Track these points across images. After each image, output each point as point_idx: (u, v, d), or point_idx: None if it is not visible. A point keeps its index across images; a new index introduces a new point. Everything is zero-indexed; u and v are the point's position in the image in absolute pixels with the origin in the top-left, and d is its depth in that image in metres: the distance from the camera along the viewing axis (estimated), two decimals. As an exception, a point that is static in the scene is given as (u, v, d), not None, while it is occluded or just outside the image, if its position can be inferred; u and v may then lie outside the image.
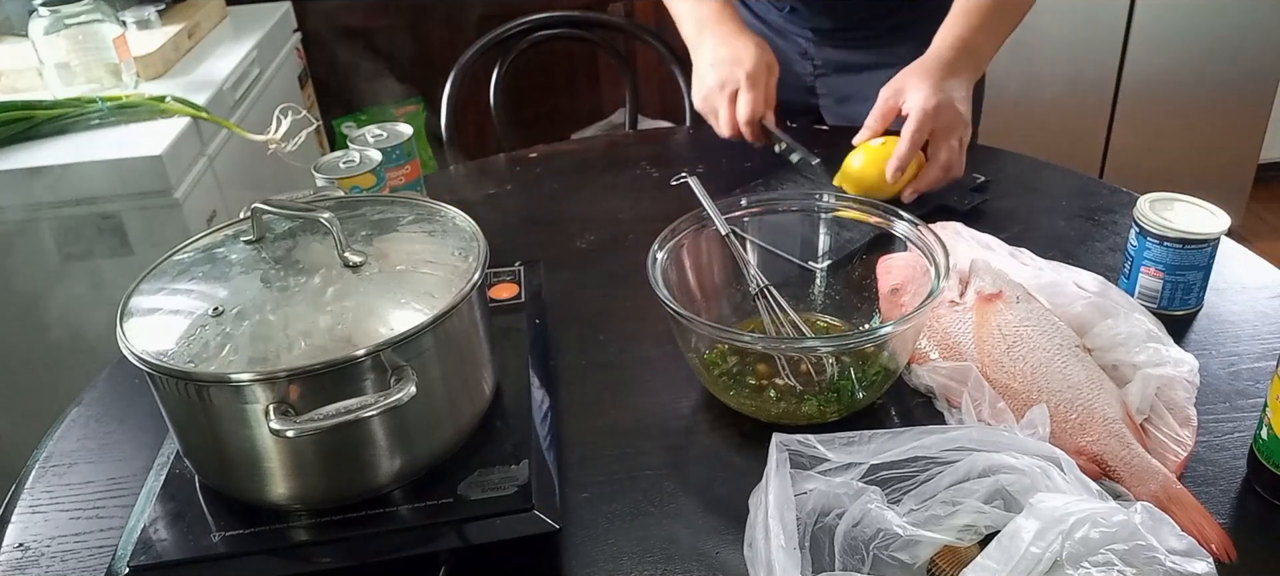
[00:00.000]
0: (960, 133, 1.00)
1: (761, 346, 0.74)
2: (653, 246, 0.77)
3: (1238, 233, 2.38)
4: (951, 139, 0.99)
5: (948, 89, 1.00)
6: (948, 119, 0.99)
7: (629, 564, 0.63)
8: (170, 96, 1.46)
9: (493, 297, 0.83)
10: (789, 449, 0.61)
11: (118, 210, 1.34)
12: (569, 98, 2.61)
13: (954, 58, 1.03)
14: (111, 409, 0.82)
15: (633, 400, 0.79)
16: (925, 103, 0.98)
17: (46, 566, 0.66)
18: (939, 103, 0.98)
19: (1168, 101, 2.39)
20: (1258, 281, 0.89)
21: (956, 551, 0.57)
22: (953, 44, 1.04)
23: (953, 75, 1.02)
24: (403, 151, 1.00)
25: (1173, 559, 0.52)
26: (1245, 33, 2.31)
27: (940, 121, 0.99)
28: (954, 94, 1.01)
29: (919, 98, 0.99)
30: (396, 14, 2.44)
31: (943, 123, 0.99)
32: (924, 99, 0.98)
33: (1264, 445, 0.64)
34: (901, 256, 0.80)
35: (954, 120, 1.00)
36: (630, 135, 1.62)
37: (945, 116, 0.99)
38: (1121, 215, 1.01)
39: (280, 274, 0.63)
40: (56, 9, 1.49)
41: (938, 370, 0.74)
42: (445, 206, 0.72)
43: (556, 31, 1.62)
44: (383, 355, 0.57)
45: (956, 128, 1.00)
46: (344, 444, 0.59)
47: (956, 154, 1.00)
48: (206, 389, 0.57)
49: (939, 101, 0.98)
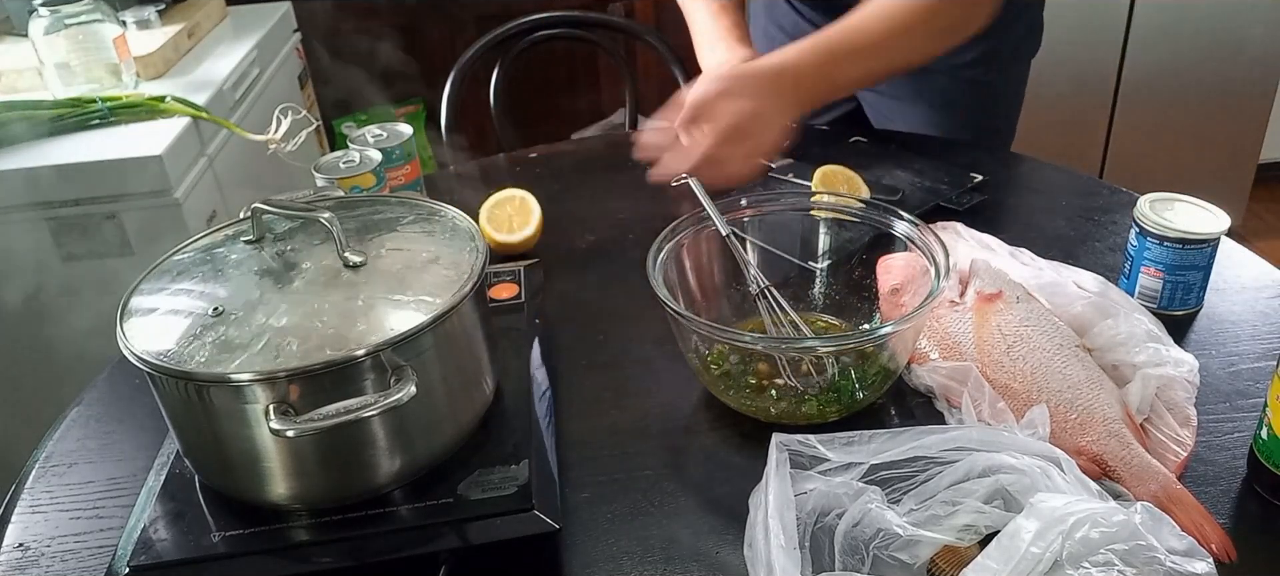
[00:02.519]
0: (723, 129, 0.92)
1: (762, 346, 0.74)
2: (653, 246, 0.77)
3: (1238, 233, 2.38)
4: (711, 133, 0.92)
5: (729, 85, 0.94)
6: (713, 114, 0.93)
7: (629, 564, 0.63)
8: (170, 96, 1.46)
9: (493, 297, 0.83)
10: (789, 449, 0.61)
11: (118, 210, 1.34)
12: (569, 98, 2.61)
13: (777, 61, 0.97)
14: (111, 409, 0.82)
15: (633, 400, 0.79)
16: (693, 97, 0.94)
17: (46, 566, 0.66)
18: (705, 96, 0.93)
19: (1168, 101, 2.39)
20: (1258, 281, 0.89)
21: (956, 551, 0.57)
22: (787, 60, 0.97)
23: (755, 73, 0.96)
24: (403, 151, 1.00)
25: (1173, 559, 0.52)
26: (1245, 33, 2.31)
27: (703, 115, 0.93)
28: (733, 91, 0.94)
29: (693, 94, 0.95)
30: (396, 14, 2.44)
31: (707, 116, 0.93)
32: (694, 95, 0.94)
33: (1264, 445, 0.64)
34: (901, 256, 0.80)
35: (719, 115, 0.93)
36: (630, 135, 1.62)
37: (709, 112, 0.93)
38: (1121, 215, 1.01)
39: (280, 274, 0.63)
40: (56, 9, 1.49)
41: (938, 370, 0.74)
42: (445, 206, 0.72)
43: (556, 31, 1.62)
44: (383, 355, 0.57)
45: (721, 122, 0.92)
46: (344, 444, 0.59)
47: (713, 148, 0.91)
48: (206, 389, 0.57)
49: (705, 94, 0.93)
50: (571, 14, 1.62)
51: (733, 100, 0.93)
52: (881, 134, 1.26)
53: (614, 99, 2.62)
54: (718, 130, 0.93)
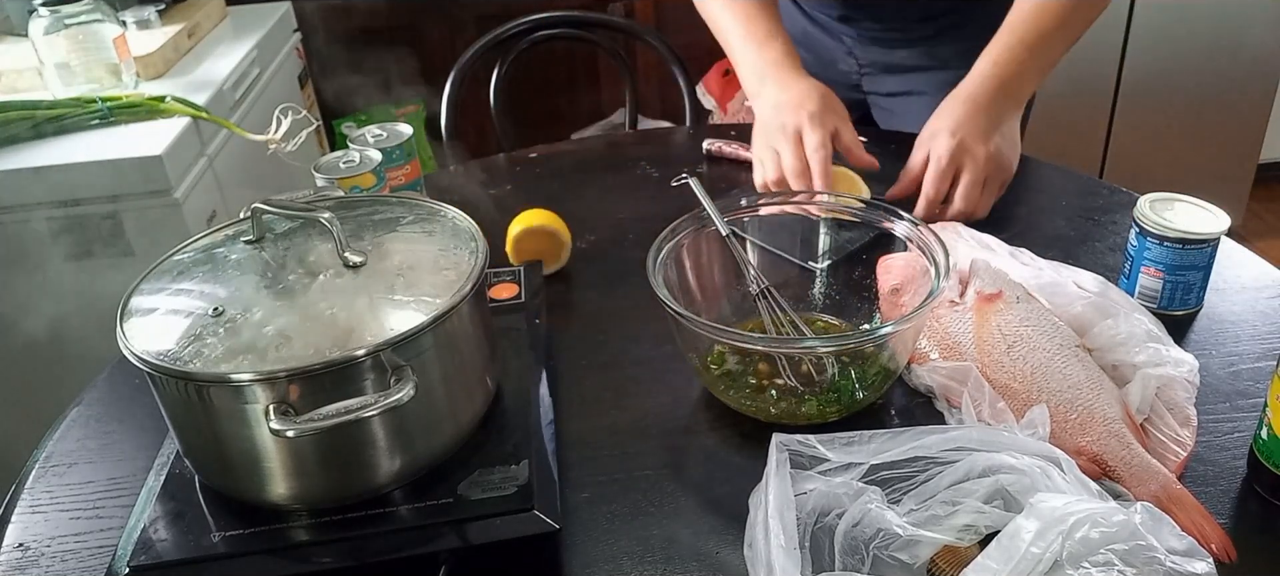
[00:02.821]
0: (978, 173, 0.97)
1: (762, 346, 0.74)
2: (653, 246, 0.77)
3: (1238, 233, 2.38)
4: (972, 181, 0.97)
5: (973, 131, 0.98)
6: (969, 164, 0.97)
7: (629, 564, 0.63)
8: (170, 96, 1.46)
9: (493, 297, 0.83)
10: (789, 449, 0.61)
11: (118, 210, 1.34)
12: (569, 98, 2.61)
13: (988, 98, 1.00)
14: (111, 409, 0.82)
15: (633, 400, 0.79)
16: (941, 156, 0.97)
17: (46, 566, 0.66)
18: (955, 148, 0.97)
19: (1168, 101, 2.39)
20: (1258, 281, 0.89)
21: (956, 551, 0.57)
22: (989, 78, 1.01)
23: (982, 114, 0.99)
24: (403, 151, 1.00)
25: (1173, 559, 0.52)
26: (1245, 33, 2.31)
27: (961, 166, 0.97)
28: (980, 135, 0.98)
29: (939, 146, 0.97)
30: (396, 14, 2.44)
31: (963, 167, 0.97)
32: (942, 149, 0.97)
33: (1264, 445, 0.64)
34: (901, 256, 0.80)
35: (972, 163, 0.97)
36: (630, 135, 1.62)
37: (964, 160, 0.97)
38: (1121, 215, 1.01)
39: (280, 274, 0.63)
40: (56, 9, 1.49)
41: (938, 370, 0.74)
42: (445, 206, 0.72)
43: (556, 31, 1.62)
44: (383, 355, 0.57)
45: (977, 169, 0.97)
46: (344, 444, 0.59)
47: (975, 198, 0.98)
48: (206, 389, 0.57)
49: (955, 146, 0.97)
50: (571, 14, 1.62)
51: (969, 150, 0.97)
52: (882, 134, 1.26)
53: (614, 99, 2.62)
54: (977, 179, 0.97)
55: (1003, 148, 1.00)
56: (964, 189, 0.97)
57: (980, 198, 0.98)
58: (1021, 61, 1.02)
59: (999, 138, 0.99)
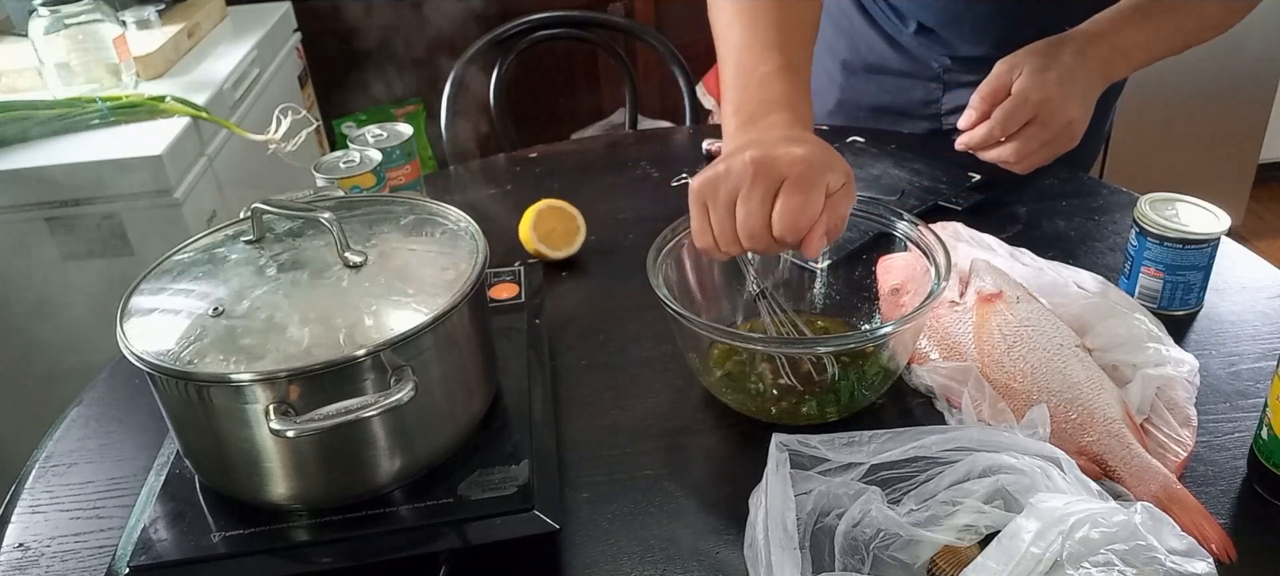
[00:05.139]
0: (1050, 136, 0.88)
1: (761, 346, 0.74)
2: (653, 246, 0.77)
3: (1238, 233, 2.38)
4: (1039, 137, 0.88)
5: (1069, 90, 0.87)
6: (1046, 117, 0.87)
7: (629, 564, 0.63)
8: (170, 96, 1.46)
9: (493, 297, 0.83)
10: (789, 449, 0.61)
11: (118, 210, 1.34)
12: (569, 98, 2.62)
13: (1094, 49, 0.89)
14: (111, 409, 0.82)
15: (633, 400, 0.79)
16: (1029, 91, 0.86)
17: (46, 566, 0.66)
18: (1046, 98, 0.86)
19: (1168, 101, 2.39)
20: (1258, 281, 0.89)
21: (956, 551, 0.57)
22: (1102, 32, 0.90)
23: (1084, 75, 0.88)
24: (403, 151, 1.00)
25: (1173, 559, 0.52)
26: (1245, 33, 2.29)
27: (1039, 115, 0.87)
28: (1076, 97, 0.88)
29: (1027, 84, 0.86)
30: (396, 14, 2.44)
31: (1040, 119, 0.88)
32: (1031, 87, 0.86)
33: (1264, 445, 0.64)
34: (901, 256, 0.80)
35: (1052, 120, 0.87)
36: (630, 135, 1.62)
37: (1045, 114, 0.87)
38: (1121, 215, 1.01)
39: (280, 274, 0.63)
40: (56, 9, 1.49)
41: (938, 370, 0.74)
42: (445, 206, 0.72)
43: (556, 31, 1.62)
44: (383, 355, 0.57)
45: (1051, 129, 0.88)
46: (344, 444, 0.59)
47: (1032, 156, 0.89)
48: (206, 389, 0.57)
49: (1047, 96, 0.86)
50: (571, 14, 1.62)
51: (1055, 103, 0.87)
52: (882, 134, 1.26)
53: (614, 99, 2.62)
54: (1044, 130, 0.88)
55: (1081, 120, 0.89)
56: (1025, 141, 0.88)
57: (1036, 157, 0.89)
58: (1142, 30, 0.91)
59: (1085, 106, 0.90)
